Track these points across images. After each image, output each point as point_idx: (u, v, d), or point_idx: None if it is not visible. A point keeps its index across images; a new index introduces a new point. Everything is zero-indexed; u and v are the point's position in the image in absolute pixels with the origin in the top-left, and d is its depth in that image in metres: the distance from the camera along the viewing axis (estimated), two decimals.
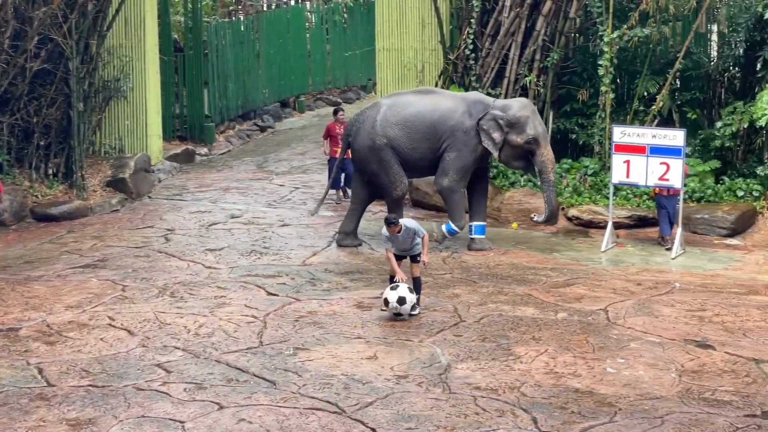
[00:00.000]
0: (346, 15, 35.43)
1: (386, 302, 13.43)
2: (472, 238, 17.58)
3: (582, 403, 10.63)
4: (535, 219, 18.01)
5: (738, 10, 21.11)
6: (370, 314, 13.71)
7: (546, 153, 17.37)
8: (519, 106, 17.43)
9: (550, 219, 18.07)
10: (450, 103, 17.50)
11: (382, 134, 17.30)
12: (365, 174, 17.78)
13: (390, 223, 13.51)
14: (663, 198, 17.87)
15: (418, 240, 13.75)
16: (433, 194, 20.43)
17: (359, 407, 10.50)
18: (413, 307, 13.64)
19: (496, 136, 17.13)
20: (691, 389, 11.06)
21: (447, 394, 10.88)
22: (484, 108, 17.33)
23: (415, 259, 13.85)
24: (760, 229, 18.98)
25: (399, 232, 13.57)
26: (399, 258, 13.86)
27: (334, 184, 20.80)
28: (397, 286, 13.44)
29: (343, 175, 20.95)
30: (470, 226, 17.66)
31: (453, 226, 17.39)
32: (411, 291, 13.50)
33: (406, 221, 13.81)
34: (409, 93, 18.39)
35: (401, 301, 13.34)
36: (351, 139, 17.80)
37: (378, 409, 10.46)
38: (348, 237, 17.74)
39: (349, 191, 20.77)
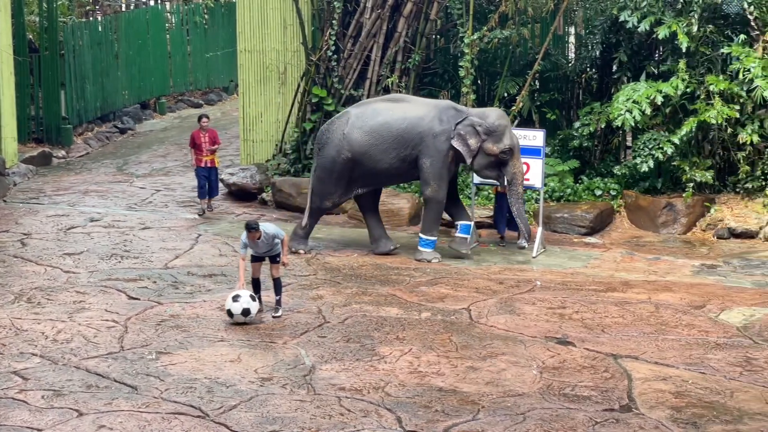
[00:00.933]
0: (206, 16, 35.16)
1: (230, 314, 13.26)
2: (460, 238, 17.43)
3: (446, 402, 10.68)
4: (521, 244, 17.21)
5: (594, 13, 21.57)
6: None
7: (518, 165, 16.99)
8: (497, 115, 17.10)
9: (530, 235, 17.31)
10: (419, 111, 17.11)
11: (348, 147, 16.97)
12: (313, 173, 17.60)
13: (251, 228, 13.31)
14: (503, 196, 18.03)
15: (278, 241, 13.66)
16: (296, 196, 20.37)
17: (223, 411, 10.38)
18: (276, 309, 13.66)
19: (472, 142, 16.74)
20: (552, 385, 11.21)
21: (312, 396, 10.83)
22: (457, 114, 16.95)
23: (274, 259, 13.75)
24: (617, 227, 19.42)
25: (259, 238, 13.43)
26: (258, 259, 13.76)
27: (200, 194, 20.40)
28: (239, 296, 13.27)
29: (207, 184, 20.46)
30: (457, 225, 17.43)
31: (425, 237, 17.05)
32: (254, 299, 13.36)
33: (267, 226, 13.64)
34: (378, 101, 17.97)
35: (245, 312, 13.20)
36: (320, 148, 17.41)
37: (242, 412, 10.36)
38: (380, 241, 17.55)
39: (208, 202, 20.36)
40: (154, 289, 14.93)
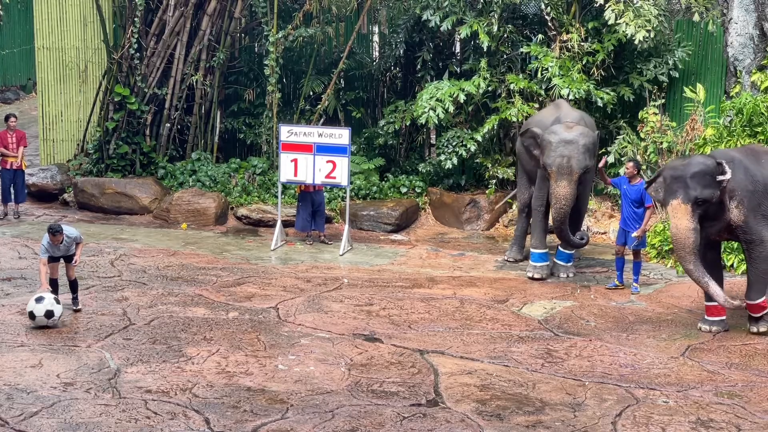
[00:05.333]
0: (2, 12, 34.07)
1: (32, 316, 12.91)
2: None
3: (254, 402, 10.64)
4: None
5: (397, 12, 21.81)
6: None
7: (555, 186, 15.42)
8: (559, 129, 15.68)
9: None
10: (555, 113, 16.37)
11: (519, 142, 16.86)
12: None
13: (54, 231, 13.07)
14: (308, 194, 18.06)
15: (76, 243, 13.48)
16: (99, 196, 19.98)
17: (24, 418, 10.08)
18: (75, 304, 13.60)
19: (536, 152, 16.00)
20: (360, 382, 11.28)
21: (117, 399, 10.62)
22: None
23: (70, 260, 13.51)
24: (422, 224, 19.71)
25: (62, 241, 13.16)
26: (55, 260, 13.50)
27: (3, 198, 19.59)
28: (43, 298, 12.94)
29: (12, 188, 19.62)
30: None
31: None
32: (58, 302, 13.06)
33: (69, 230, 13.41)
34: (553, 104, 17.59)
35: (49, 314, 12.87)
36: None
37: (44, 418, 10.07)
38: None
39: (15, 208, 19.61)
40: None
